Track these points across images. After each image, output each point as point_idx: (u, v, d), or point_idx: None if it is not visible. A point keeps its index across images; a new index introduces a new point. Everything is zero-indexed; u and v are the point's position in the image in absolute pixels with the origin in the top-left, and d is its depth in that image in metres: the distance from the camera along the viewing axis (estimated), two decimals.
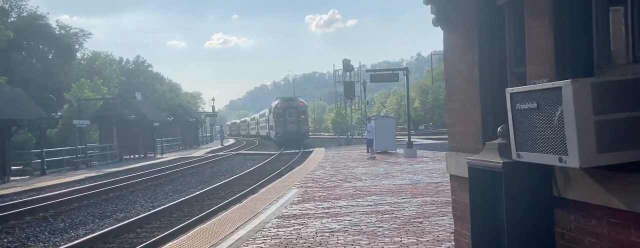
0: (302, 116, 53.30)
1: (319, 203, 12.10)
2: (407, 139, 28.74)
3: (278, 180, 18.39)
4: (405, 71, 27.71)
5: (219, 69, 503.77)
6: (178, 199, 17.60)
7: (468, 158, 4.36)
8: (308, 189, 14.67)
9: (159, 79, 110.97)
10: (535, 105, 3.38)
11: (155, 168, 29.92)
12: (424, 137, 53.52)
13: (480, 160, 4.11)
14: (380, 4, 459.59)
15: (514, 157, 3.71)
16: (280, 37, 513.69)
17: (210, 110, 73.62)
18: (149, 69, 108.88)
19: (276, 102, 55.85)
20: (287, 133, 50.76)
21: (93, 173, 26.70)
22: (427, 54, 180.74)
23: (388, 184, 15.09)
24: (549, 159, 3.34)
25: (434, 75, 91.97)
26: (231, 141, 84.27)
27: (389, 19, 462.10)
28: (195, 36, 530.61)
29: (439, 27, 5.82)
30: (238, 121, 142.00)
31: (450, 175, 6.05)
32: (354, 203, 11.86)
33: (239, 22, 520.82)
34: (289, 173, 20.61)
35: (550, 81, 3.61)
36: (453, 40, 5.71)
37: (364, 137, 33.73)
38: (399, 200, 11.98)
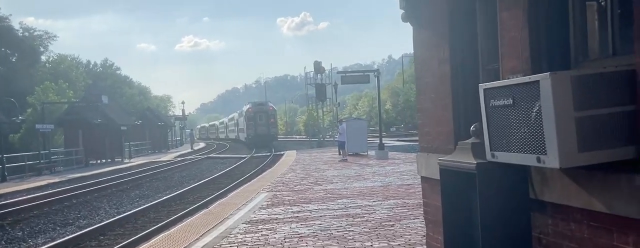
0: (272, 119, 57.30)
1: (289, 207, 11.79)
2: (378, 141, 28.61)
3: (247, 184, 18.03)
4: (376, 73, 27.57)
5: (189, 72, 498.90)
6: (144, 205, 17.09)
7: (440, 160, 4.11)
8: (278, 193, 14.35)
9: (128, 82, 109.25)
10: (510, 101, 3.13)
11: (122, 173, 29.24)
12: (396, 138, 53.60)
13: (452, 161, 3.85)
14: (351, 6, 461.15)
15: (489, 157, 3.47)
16: (251, 40, 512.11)
17: (181, 114, 72.71)
18: (118, 72, 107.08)
19: (247, 106, 59.40)
20: (258, 135, 54.20)
21: (56, 179, 25.92)
22: (397, 56, 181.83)
23: (359, 187, 14.85)
24: (526, 159, 3.09)
25: (405, 77, 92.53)
26: (201, 145, 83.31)
27: (361, 22, 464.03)
28: (165, 39, 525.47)
29: (409, 23, 5.57)
30: (207, 125, 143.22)
31: (422, 177, 5.81)
32: (324, 207, 11.58)
33: (209, 25, 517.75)
34: (259, 177, 20.26)
35: (525, 76, 3.38)
36: (423, 36, 5.47)
37: (336, 139, 33.53)
38: (370, 203, 11.74)
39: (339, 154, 28.67)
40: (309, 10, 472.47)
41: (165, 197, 18.60)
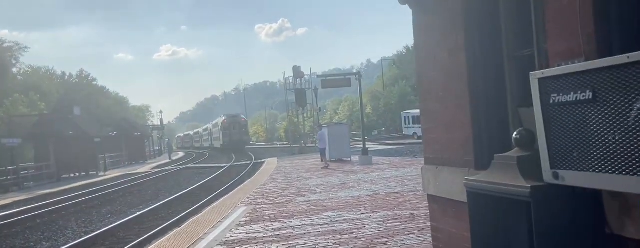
0: (244, 129, 69.50)
1: (269, 223, 10.67)
2: (361, 146, 27.57)
3: (225, 196, 16.83)
4: (357, 76, 26.56)
5: (168, 81, 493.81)
6: (114, 222, 15.81)
7: (467, 179, 3.04)
8: (257, 206, 13.21)
9: (104, 92, 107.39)
10: (589, 95, 2.09)
11: (95, 187, 27.80)
12: (378, 142, 52.65)
13: (489, 183, 2.79)
14: (329, 12, 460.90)
15: (548, 178, 2.43)
16: (230, 47, 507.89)
17: (158, 123, 71.32)
18: (94, 82, 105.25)
19: (223, 118, 70.78)
20: (232, 142, 65.23)
21: (23, 197, 24.41)
22: (376, 60, 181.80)
23: (345, 197, 13.78)
24: (618, 182, 2.04)
25: (385, 80, 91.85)
26: (180, 154, 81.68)
27: (339, 27, 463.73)
28: (143, 49, 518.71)
29: (407, 6, 4.51)
30: (183, 135, 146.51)
31: (429, 196, 4.74)
32: (308, 222, 10.48)
33: (187, 33, 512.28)
34: (238, 188, 19.06)
35: (587, 61, 2.34)
36: (427, 22, 4.42)
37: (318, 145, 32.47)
38: (358, 216, 10.67)
39: (322, 161, 27.65)
40: (287, 17, 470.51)
41: (137, 214, 17.35)
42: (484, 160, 3.49)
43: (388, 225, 9.58)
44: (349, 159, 28.70)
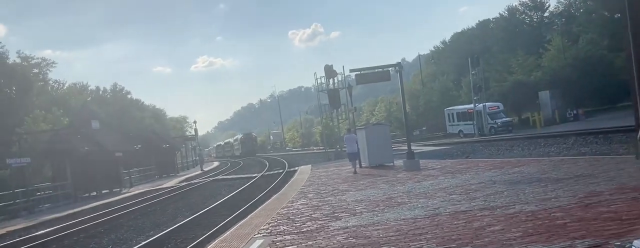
0: (254, 142, 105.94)
1: None
2: (406, 149, 23.88)
3: (242, 221, 13.41)
4: (397, 67, 22.94)
5: (205, 92, 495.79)
6: None
7: None
8: (278, 238, 9.78)
9: (139, 105, 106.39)
10: None
11: (109, 208, 24.88)
12: (421, 143, 48.72)
13: None
14: (361, 13, 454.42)
15: None
16: (264, 55, 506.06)
17: (199, 134, 69.32)
18: (128, 96, 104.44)
19: (240, 135, 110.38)
20: (246, 151, 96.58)
21: (23, 225, 21.50)
22: (411, 58, 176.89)
23: (395, 220, 10.21)
24: None
25: (423, 77, 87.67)
26: (215, 164, 79.15)
27: (371, 28, 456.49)
28: (180, 61, 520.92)
29: None
30: (215, 145, 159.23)
31: None
32: None
33: (223, 43, 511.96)
34: (260, 208, 15.66)
35: None
36: None
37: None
38: None
39: (360, 167, 24.40)
40: (319, 21, 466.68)
41: (141, 244, 14.19)
42: None
43: None
44: (392, 164, 25.12)
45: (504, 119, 52.35)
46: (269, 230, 10.81)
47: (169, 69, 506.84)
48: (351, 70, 24.51)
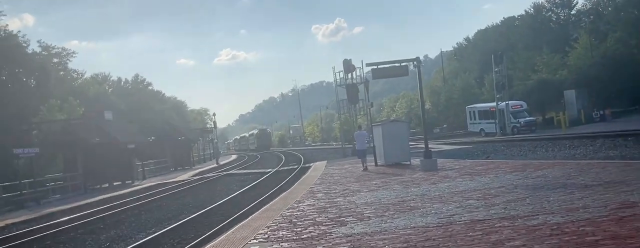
0: (268, 137, 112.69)
1: None
2: (423, 147, 22.83)
3: (242, 222, 12.54)
4: (415, 62, 21.87)
5: (228, 84, 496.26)
6: None
7: None
8: (273, 246, 8.90)
9: (160, 97, 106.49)
10: None
11: (116, 201, 24.25)
12: (441, 141, 47.54)
13: None
14: (385, 9, 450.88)
15: None
16: (287, 49, 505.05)
17: (219, 126, 69.04)
18: (149, 87, 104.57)
19: (256, 131, 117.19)
20: (261, 145, 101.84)
21: (24, 217, 20.91)
22: (434, 55, 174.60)
23: (404, 228, 9.26)
24: None
25: (445, 75, 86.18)
26: (232, 157, 78.67)
27: (394, 24, 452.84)
28: (203, 54, 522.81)
29: None
30: (232, 139, 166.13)
31: None
32: None
33: (246, 37, 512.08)
34: (264, 208, 14.80)
35: None
36: None
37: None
38: None
39: (363, 166, 23.55)
40: (343, 16, 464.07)
41: (136, 243, 13.45)
42: None
43: None
44: (409, 163, 24.12)
45: (527, 118, 50.89)
46: (266, 235, 9.93)
47: (193, 62, 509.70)
48: (367, 64, 23.54)
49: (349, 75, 43.04)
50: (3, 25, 56.50)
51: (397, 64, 22.21)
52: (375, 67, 22.72)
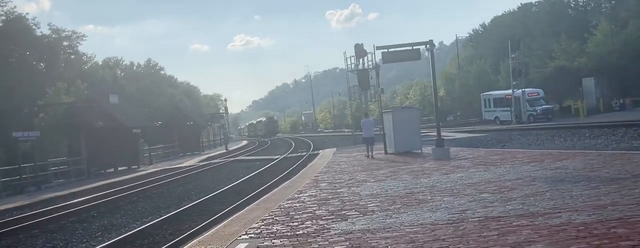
0: (275, 124, 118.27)
1: None
2: (435, 135, 21.81)
3: (235, 215, 11.66)
4: (428, 45, 20.77)
5: (242, 70, 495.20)
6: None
7: None
8: (263, 243, 8.00)
9: (172, 82, 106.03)
10: None
11: (117, 187, 23.53)
12: (454, 129, 46.39)
13: None
14: None
15: None
16: (301, 35, 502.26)
17: (232, 112, 68.64)
18: (161, 71, 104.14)
19: (264, 118, 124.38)
20: (268, 132, 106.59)
21: (20, 202, 20.24)
22: (449, 42, 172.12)
23: (410, 225, 8.30)
24: None
25: (460, 61, 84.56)
26: (243, 143, 78.02)
27: (410, 10, 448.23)
28: (218, 39, 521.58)
29: None
30: (243, 125, 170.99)
31: None
32: None
33: (260, 23, 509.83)
34: (265, 197, 13.93)
35: None
36: None
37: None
38: None
39: (367, 153, 23.25)
40: (358, 2, 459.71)
41: (126, 234, 12.67)
42: None
43: None
44: (420, 151, 23.15)
45: (544, 106, 49.47)
46: (259, 230, 9.03)
47: (206, 47, 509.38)
48: (377, 48, 22.45)
49: (361, 60, 41.89)
50: (12, 7, 55.95)
51: (408, 48, 21.14)
52: (386, 50, 21.69)
